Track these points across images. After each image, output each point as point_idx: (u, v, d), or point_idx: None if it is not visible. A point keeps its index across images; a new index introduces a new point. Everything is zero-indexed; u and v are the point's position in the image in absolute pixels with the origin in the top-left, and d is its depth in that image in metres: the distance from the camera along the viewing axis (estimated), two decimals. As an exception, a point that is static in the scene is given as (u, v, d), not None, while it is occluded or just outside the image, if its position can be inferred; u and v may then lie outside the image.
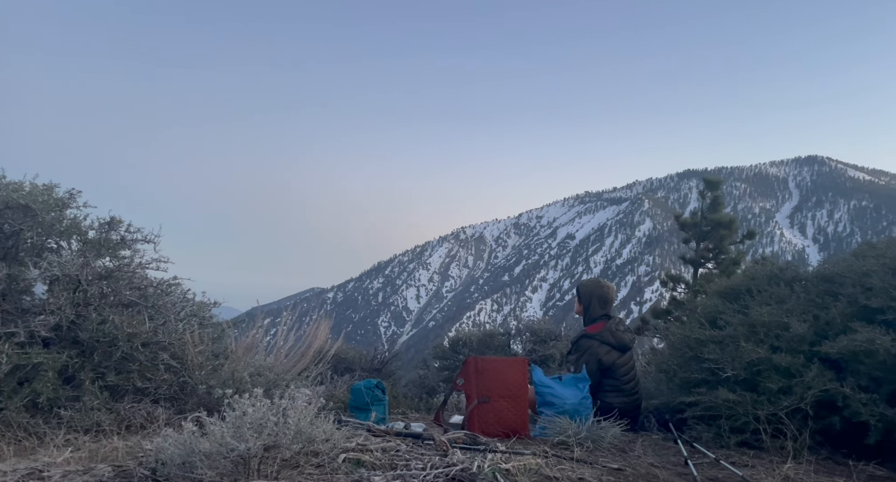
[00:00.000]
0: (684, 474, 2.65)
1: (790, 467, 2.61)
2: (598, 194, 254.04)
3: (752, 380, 3.30)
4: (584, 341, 4.17)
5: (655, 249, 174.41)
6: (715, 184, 16.59)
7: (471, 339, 8.41)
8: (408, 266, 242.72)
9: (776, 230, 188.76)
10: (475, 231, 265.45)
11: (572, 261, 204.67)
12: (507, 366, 3.68)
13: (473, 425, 3.49)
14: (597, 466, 2.65)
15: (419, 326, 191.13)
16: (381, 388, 3.97)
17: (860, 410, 2.77)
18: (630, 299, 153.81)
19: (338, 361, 7.94)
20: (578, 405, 3.75)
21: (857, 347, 2.87)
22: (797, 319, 3.39)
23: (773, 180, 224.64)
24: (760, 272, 4.47)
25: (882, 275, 3.15)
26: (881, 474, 2.66)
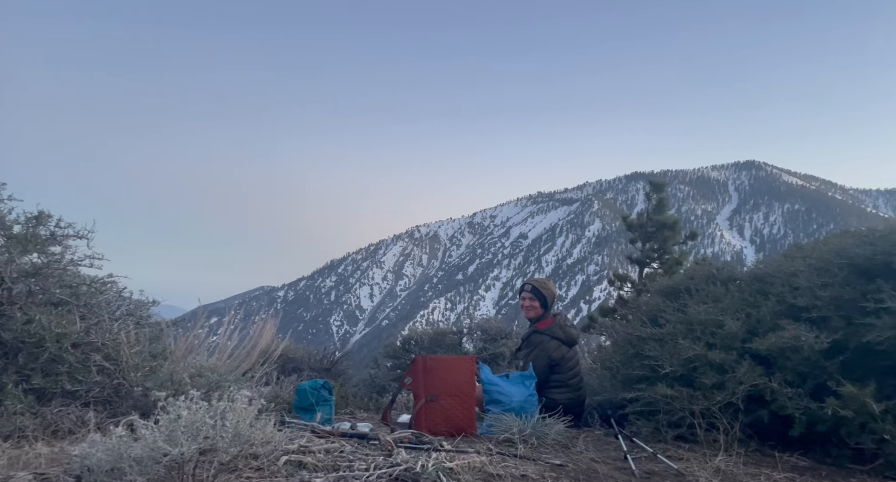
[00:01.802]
0: (623, 468, 2.72)
1: (721, 459, 2.73)
2: (549, 195, 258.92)
3: (688, 376, 3.43)
4: (536, 336, 4.26)
5: (604, 249, 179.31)
6: (660, 186, 17.19)
7: (422, 338, 8.41)
8: (361, 264, 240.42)
9: (717, 231, 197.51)
10: (429, 230, 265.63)
11: (525, 261, 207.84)
12: (455, 365, 3.69)
13: (421, 424, 3.48)
14: (540, 463, 2.70)
15: (372, 325, 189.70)
16: (328, 388, 3.91)
17: (786, 404, 2.91)
18: (580, 298, 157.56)
19: (285, 361, 7.77)
20: (524, 402, 3.81)
21: (784, 344, 3.02)
22: (731, 317, 3.54)
23: (715, 184, 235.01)
24: (699, 272, 4.64)
25: (808, 275, 3.33)
26: (804, 464, 2.81)
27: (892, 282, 2.83)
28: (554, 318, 4.33)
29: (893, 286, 2.80)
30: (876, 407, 2.57)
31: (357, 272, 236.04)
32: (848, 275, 3.12)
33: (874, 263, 3.01)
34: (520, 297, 4.53)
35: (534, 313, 4.37)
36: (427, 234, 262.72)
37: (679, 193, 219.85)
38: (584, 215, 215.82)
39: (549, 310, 4.35)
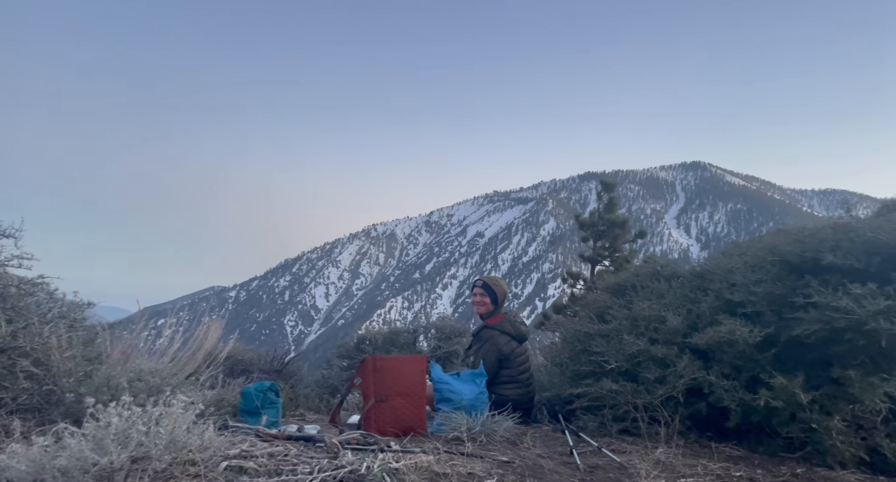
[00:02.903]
0: (569, 463, 2.77)
1: (662, 451, 2.81)
2: (505, 194, 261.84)
3: (633, 370, 3.52)
4: (486, 332, 4.29)
5: (559, 247, 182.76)
6: (611, 186, 17.64)
7: (376, 338, 8.34)
8: (317, 263, 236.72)
9: (665, 230, 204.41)
10: (386, 228, 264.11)
11: (481, 259, 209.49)
12: (405, 364, 3.66)
13: (370, 425, 3.44)
14: (487, 460, 2.71)
15: (328, 325, 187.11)
16: (275, 391, 3.82)
17: (723, 396, 3.03)
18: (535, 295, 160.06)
19: (234, 363, 7.57)
20: (475, 400, 3.82)
21: (721, 338, 3.14)
22: (673, 313, 3.65)
23: (663, 184, 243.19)
24: (644, 270, 4.78)
25: (743, 272, 3.48)
26: (739, 454, 2.93)
27: (819, 278, 2.98)
28: (503, 315, 4.37)
29: (820, 282, 2.94)
30: (804, 397, 2.70)
31: (312, 271, 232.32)
32: (780, 271, 3.26)
33: (803, 260, 3.16)
34: (471, 293, 4.56)
35: (484, 309, 4.40)
36: (384, 233, 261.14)
37: (630, 193, 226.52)
38: (539, 214, 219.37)
39: (500, 307, 4.38)
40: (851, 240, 2.91)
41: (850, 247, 2.89)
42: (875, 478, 2.52)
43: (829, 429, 2.63)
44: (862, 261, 2.83)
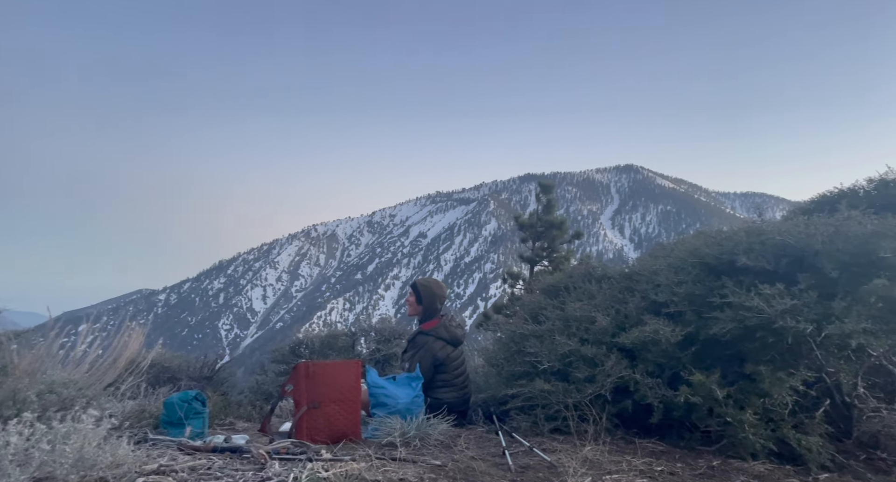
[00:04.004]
0: (502, 464, 2.79)
1: (590, 449, 2.89)
2: (448, 194, 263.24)
3: (564, 370, 3.60)
4: (421, 337, 4.27)
5: (500, 247, 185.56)
6: (549, 187, 18.08)
7: (313, 342, 8.15)
8: (253, 265, 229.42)
9: (601, 231, 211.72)
10: (327, 229, 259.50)
11: (424, 260, 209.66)
12: (339, 370, 3.59)
13: (302, 432, 3.35)
14: (420, 464, 2.69)
15: (265, 328, 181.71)
16: (201, 400, 3.65)
17: (647, 394, 3.15)
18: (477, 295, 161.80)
19: (160, 371, 7.19)
20: (411, 404, 3.80)
21: (645, 337, 3.26)
22: (602, 314, 3.77)
23: (599, 186, 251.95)
24: (577, 271, 4.91)
25: (667, 273, 3.63)
26: (661, 449, 3.06)
27: (734, 279, 3.15)
28: (440, 319, 4.37)
29: (735, 283, 3.12)
30: (720, 392, 2.85)
31: (249, 273, 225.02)
32: (699, 273, 3.43)
33: (721, 262, 3.34)
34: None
35: (412, 310, 4.42)
36: (325, 233, 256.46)
37: (568, 194, 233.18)
38: (480, 215, 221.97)
39: (431, 308, 4.37)
40: (762, 242, 3.10)
41: (761, 250, 3.07)
42: (782, 467, 2.69)
43: (742, 422, 2.78)
44: (771, 263, 3.02)
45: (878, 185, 3.79)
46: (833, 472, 2.64)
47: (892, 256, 2.67)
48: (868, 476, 2.59)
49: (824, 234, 2.86)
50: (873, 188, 3.77)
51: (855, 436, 2.91)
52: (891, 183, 3.82)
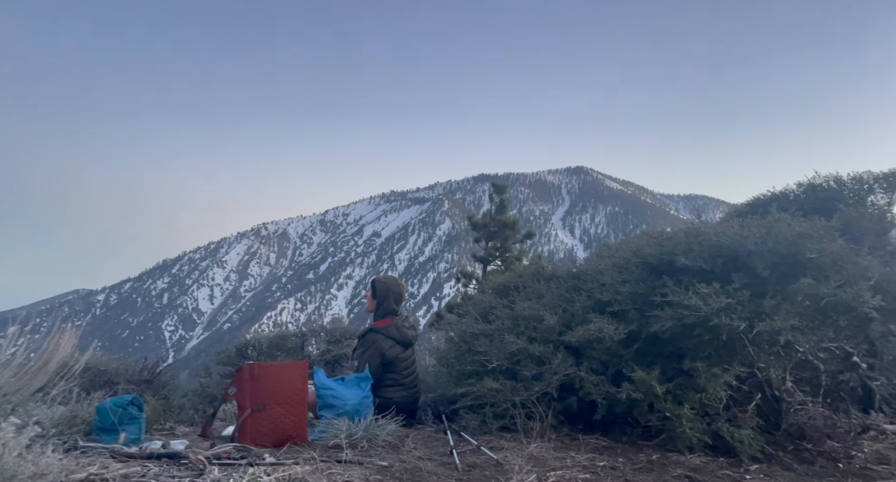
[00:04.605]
0: (449, 464, 2.79)
1: (535, 446, 2.93)
2: (402, 194, 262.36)
3: (512, 369, 3.64)
4: (371, 335, 4.24)
5: (454, 247, 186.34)
6: (502, 187, 18.28)
7: (260, 343, 7.95)
8: (200, 264, 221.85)
9: (552, 231, 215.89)
10: (278, 227, 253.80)
11: (378, 259, 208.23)
12: (285, 371, 3.51)
13: (245, 436, 3.25)
14: (367, 466, 2.66)
15: (212, 329, 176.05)
16: (138, 405, 3.49)
17: (591, 390, 3.23)
18: (431, 295, 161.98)
19: (96, 375, 6.84)
20: (359, 405, 3.75)
21: (590, 336, 3.34)
22: (550, 312, 3.83)
23: (550, 187, 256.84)
24: (526, 270, 4.97)
25: (611, 273, 3.73)
26: (604, 444, 3.13)
27: (674, 279, 3.26)
28: (393, 319, 4.34)
29: (675, 282, 3.23)
30: (660, 388, 2.95)
31: (195, 272, 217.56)
32: (642, 272, 3.54)
33: (662, 262, 3.45)
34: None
35: (368, 307, 4.44)
36: (275, 232, 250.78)
37: (520, 195, 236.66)
38: (435, 214, 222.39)
39: (385, 305, 4.35)
40: (700, 243, 3.22)
41: (698, 250, 3.20)
42: (717, 459, 2.81)
43: (679, 417, 2.89)
44: (708, 263, 3.15)
45: (807, 189, 4.02)
46: (763, 463, 2.78)
47: (817, 257, 2.83)
48: (794, 466, 2.74)
49: (756, 235, 3.00)
50: (802, 192, 3.99)
51: (783, 428, 3.07)
52: (818, 187, 4.05)
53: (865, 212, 3.64)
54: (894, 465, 2.78)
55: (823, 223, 2.98)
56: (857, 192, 3.88)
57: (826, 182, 3.97)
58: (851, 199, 3.86)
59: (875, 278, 2.82)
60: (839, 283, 2.77)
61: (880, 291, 2.78)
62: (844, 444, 2.97)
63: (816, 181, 3.99)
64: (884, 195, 3.85)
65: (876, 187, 3.86)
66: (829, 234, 2.93)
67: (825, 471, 2.74)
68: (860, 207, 3.74)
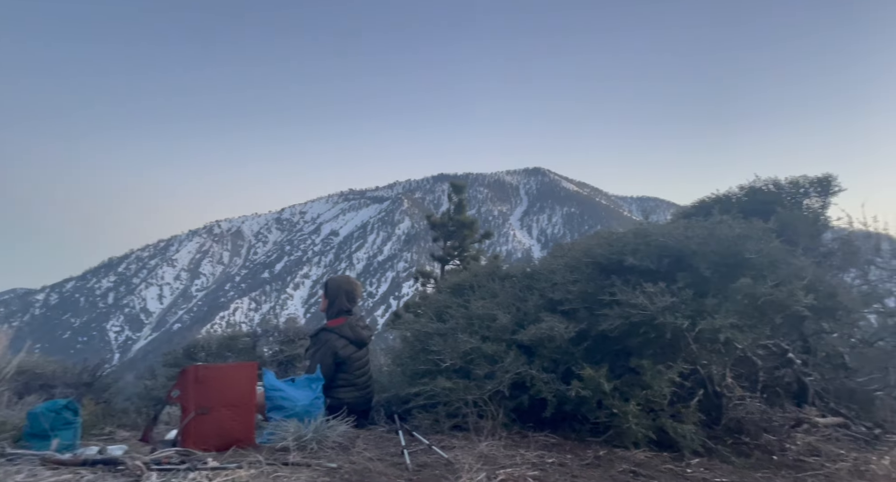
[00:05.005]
0: (400, 464, 2.77)
1: (486, 444, 2.95)
2: (361, 192, 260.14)
3: (466, 368, 3.65)
4: (323, 335, 4.17)
5: (413, 247, 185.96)
6: (460, 188, 18.35)
7: (210, 344, 7.71)
8: (148, 262, 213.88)
9: (510, 231, 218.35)
10: (232, 225, 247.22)
11: (336, 258, 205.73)
12: (232, 373, 3.41)
13: (189, 440, 3.14)
14: (315, 468, 2.61)
15: (161, 330, 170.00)
16: (73, 409, 3.32)
17: (542, 388, 3.27)
18: (389, 294, 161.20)
19: (31, 378, 6.49)
20: (310, 406, 3.68)
21: (542, 334, 3.39)
22: (503, 311, 3.86)
23: (508, 187, 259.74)
24: (482, 270, 5.00)
25: (563, 272, 3.79)
26: (553, 441, 3.18)
27: (622, 278, 3.34)
28: (346, 318, 4.28)
29: (623, 281, 3.31)
30: (607, 386, 3.01)
31: (143, 271, 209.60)
32: (592, 272, 3.61)
33: (611, 262, 3.53)
34: None
35: (322, 306, 4.39)
36: (229, 230, 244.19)
37: (479, 195, 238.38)
38: (394, 213, 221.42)
39: (336, 304, 4.29)
40: (647, 243, 3.31)
41: (646, 251, 3.29)
42: (660, 454, 2.89)
43: (626, 413, 2.96)
44: (654, 263, 3.24)
45: (748, 191, 4.19)
46: (703, 457, 2.88)
47: (755, 257, 2.95)
48: (732, 459, 2.85)
49: (700, 236, 3.11)
50: (744, 195, 4.16)
51: (723, 423, 3.19)
52: (759, 191, 4.23)
53: (801, 214, 3.83)
54: (825, 457, 2.94)
55: (761, 225, 3.11)
56: (794, 196, 4.07)
57: (766, 186, 4.16)
58: (789, 203, 4.05)
59: (808, 278, 2.97)
60: (775, 283, 2.91)
61: (813, 291, 2.93)
62: (779, 437, 3.12)
63: (757, 185, 4.17)
64: (818, 199, 4.06)
65: (811, 191, 4.07)
66: (766, 235, 3.06)
67: (761, 463, 2.86)
68: (796, 210, 3.93)
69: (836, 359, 3.69)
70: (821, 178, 4.06)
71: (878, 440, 3.22)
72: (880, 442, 3.21)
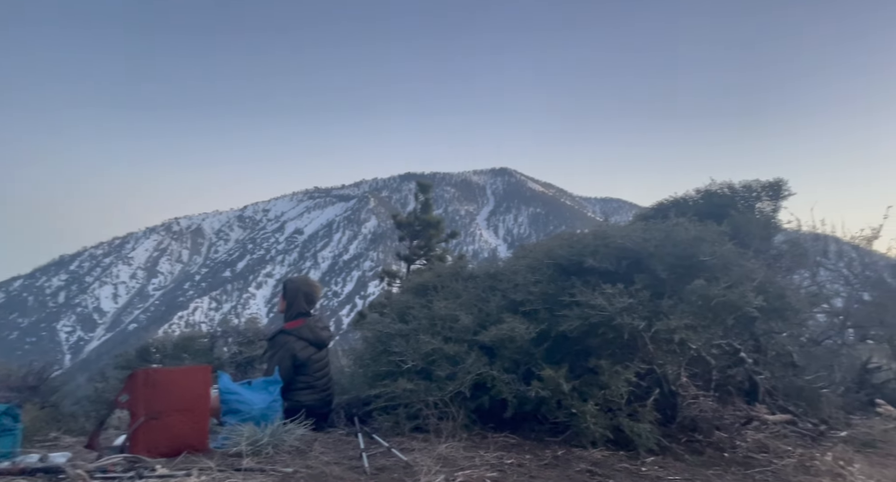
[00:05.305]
0: (358, 467, 2.73)
1: (446, 446, 2.93)
2: (326, 190, 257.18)
3: (427, 369, 3.63)
4: (281, 337, 4.08)
5: (379, 246, 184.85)
6: (426, 187, 18.32)
7: (165, 345, 7.47)
8: (102, 260, 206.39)
9: (477, 231, 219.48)
10: (192, 222, 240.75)
11: (300, 257, 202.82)
12: (184, 377, 3.30)
13: (138, 446, 3.02)
14: (269, 473, 2.55)
15: (116, 330, 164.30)
16: (13, 415, 3.15)
17: (503, 389, 3.28)
18: (355, 293, 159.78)
19: (-31, 382, 6.17)
20: (267, 409, 3.59)
21: (503, 335, 3.39)
22: (466, 312, 3.85)
23: (475, 187, 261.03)
24: (445, 270, 4.98)
25: (525, 273, 3.81)
26: (513, 441, 3.20)
27: (582, 279, 3.38)
28: (305, 319, 4.20)
29: (583, 282, 3.34)
30: (566, 386, 3.04)
31: (97, 269, 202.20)
32: (553, 273, 3.64)
33: (571, 263, 3.57)
34: None
35: (280, 308, 4.31)
36: (189, 228, 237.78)
37: (447, 194, 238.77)
38: (360, 212, 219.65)
39: (295, 306, 4.21)
40: (606, 245, 3.36)
41: (605, 252, 3.33)
42: (617, 453, 2.93)
43: (584, 413, 2.99)
44: (614, 265, 3.29)
45: (704, 195, 4.30)
46: (658, 455, 2.93)
47: (709, 259, 3.03)
48: (686, 457, 2.92)
49: (657, 238, 3.17)
50: (700, 198, 4.27)
51: (678, 421, 3.26)
52: (714, 194, 4.34)
53: (753, 218, 3.96)
54: (773, 454, 3.03)
55: (716, 228, 3.19)
56: (747, 200, 4.21)
57: (721, 189, 4.28)
58: (742, 206, 4.18)
59: (758, 280, 3.06)
60: (728, 284, 2.99)
61: (763, 292, 3.02)
62: (730, 435, 3.20)
63: (713, 188, 4.29)
64: (770, 202, 4.21)
65: (763, 195, 4.21)
66: (720, 238, 3.14)
67: (712, 460, 2.93)
68: (749, 213, 4.06)
69: (786, 358, 3.82)
70: (772, 183, 4.21)
71: (823, 436, 3.35)
72: (825, 438, 3.33)
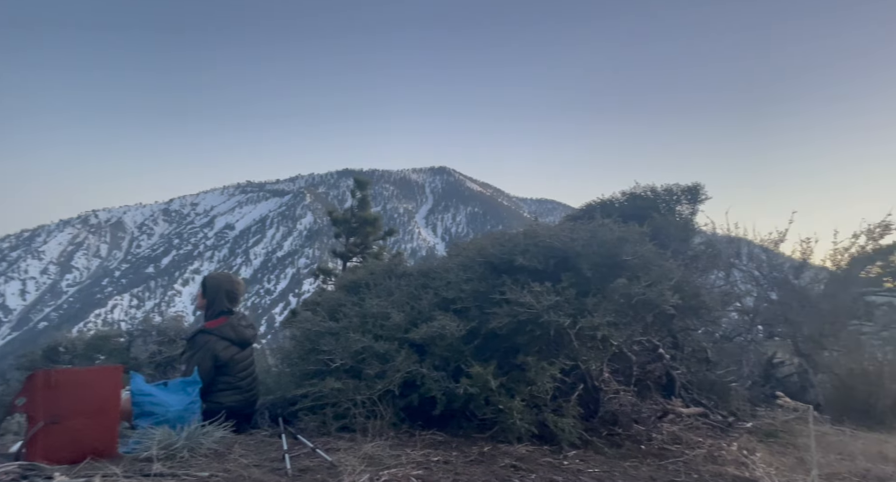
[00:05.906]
0: (280, 469, 2.64)
1: (372, 445, 2.89)
2: (260, 185, 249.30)
3: (356, 367, 3.57)
4: (201, 337, 3.87)
5: (315, 242, 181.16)
6: (364, 184, 18.11)
7: (75, 345, 6.97)
8: (9, 254, 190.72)
9: (415, 229, 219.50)
10: (111, 215, 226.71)
11: (231, 253, 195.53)
12: (91, 378, 3.08)
13: (36, 453, 2.79)
14: (182, 478, 2.42)
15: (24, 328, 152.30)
16: None
17: (432, 387, 3.27)
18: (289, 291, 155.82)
19: None
20: (184, 411, 3.41)
21: (434, 332, 3.39)
22: (397, 310, 3.82)
23: (414, 185, 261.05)
24: (379, 268, 4.93)
25: (457, 271, 3.82)
26: (440, 439, 3.19)
27: (512, 278, 3.43)
28: (227, 318, 4.02)
29: (513, 281, 3.39)
30: (494, 382, 3.07)
31: (2, 263, 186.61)
32: (484, 271, 3.68)
33: (502, 261, 3.61)
34: None
35: (198, 306, 4.09)
36: (108, 221, 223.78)
37: (385, 192, 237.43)
38: (296, 208, 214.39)
39: (216, 304, 4.02)
40: (536, 244, 3.42)
41: (534, 251, 3.40)
42: (541, 448, 2.99)
43: (511, 409, 3.03)
44: (542, 263, 3.36)
45: (629, 197, 4.48)
46: (580, 449, 3.02)
47: (631, 259, 3.15)
48: (606, 450, 3.02)
49: (583, 238, 3.26)
50: (625, 200, 4.44)
51: (600, 416, 3.37)
52: (638, 196, 4.53)
53: (673, 220, 4.17)
54: (685, 445, 3.19)
55: (637, 228, 3.32)
56: (668, 202, 4.42)
57: (644, 192, 4.47)
58: (664, 208, 4.38)
59: (675, 279, 3.21)
60: (648, 283, 3.12)
61: (679, 291, 3.17)
62: (647, 428, 3.35)
63: (637, 191, 4.47)
64: (688, 206, 4.44)
65: (682, 199, 4.43)
66: (641, 238, 3.28)
67: (630, 452, 3.05)
68: (670, 216, 4.27)
69: (700, 354, 4.04)
70: (691, 187, 4.44)
71: (731, 427, 3.56)
72: (733, 429, 3.55)
